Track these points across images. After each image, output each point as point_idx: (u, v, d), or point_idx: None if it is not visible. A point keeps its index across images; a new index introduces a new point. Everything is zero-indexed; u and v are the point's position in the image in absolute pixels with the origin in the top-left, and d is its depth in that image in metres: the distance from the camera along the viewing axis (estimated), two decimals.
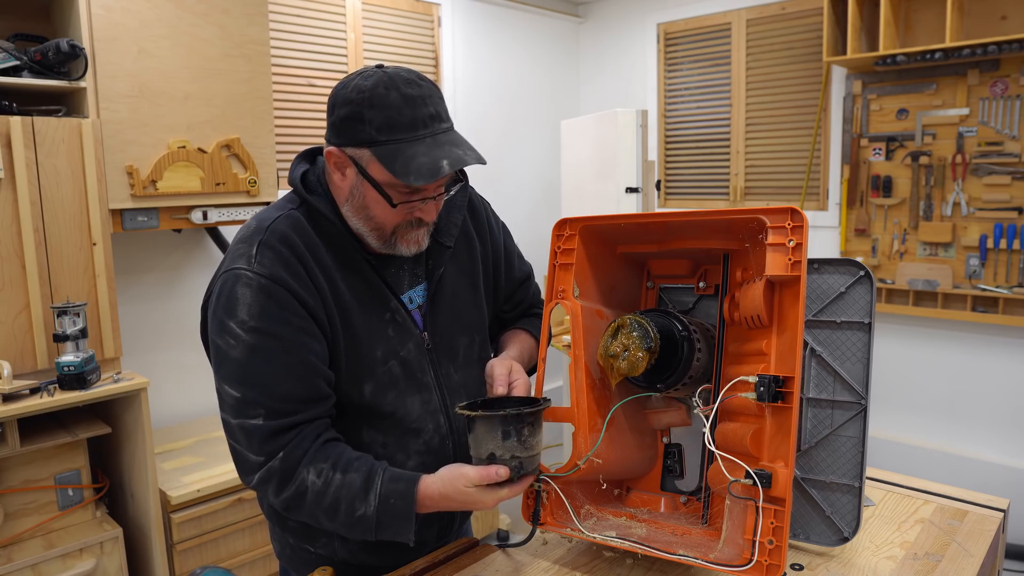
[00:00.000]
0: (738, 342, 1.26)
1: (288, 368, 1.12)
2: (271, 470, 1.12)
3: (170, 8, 2.40)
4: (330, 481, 1.12)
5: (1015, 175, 3.20)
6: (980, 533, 1.28)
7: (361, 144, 1.11)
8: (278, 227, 1.16)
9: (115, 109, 2.32)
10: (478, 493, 1.10)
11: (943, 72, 3.34)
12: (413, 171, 1.07)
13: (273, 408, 1.11)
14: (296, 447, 1.12)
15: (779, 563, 1.04)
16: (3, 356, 2.08)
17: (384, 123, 1.09)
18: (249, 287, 1.12)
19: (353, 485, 1.12)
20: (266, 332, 1.11)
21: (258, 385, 1.11)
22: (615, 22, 4.56)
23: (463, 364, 1.33)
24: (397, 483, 1.12)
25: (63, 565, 2.15)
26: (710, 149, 4.24)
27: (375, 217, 1.16)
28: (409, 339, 1.24)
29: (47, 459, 2.18)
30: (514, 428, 1.08)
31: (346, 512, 1.12)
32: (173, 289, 2.91)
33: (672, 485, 1.38)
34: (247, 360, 1.11)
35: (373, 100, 1.09)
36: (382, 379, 1.22)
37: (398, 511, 1.11)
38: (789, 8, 3.84)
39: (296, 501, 1.13)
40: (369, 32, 3.54)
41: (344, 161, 1.14)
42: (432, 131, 1.11)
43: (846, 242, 3.70)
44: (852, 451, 1.21)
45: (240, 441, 1.13)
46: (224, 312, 1.13)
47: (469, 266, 1.35)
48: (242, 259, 1.14)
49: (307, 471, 1.12)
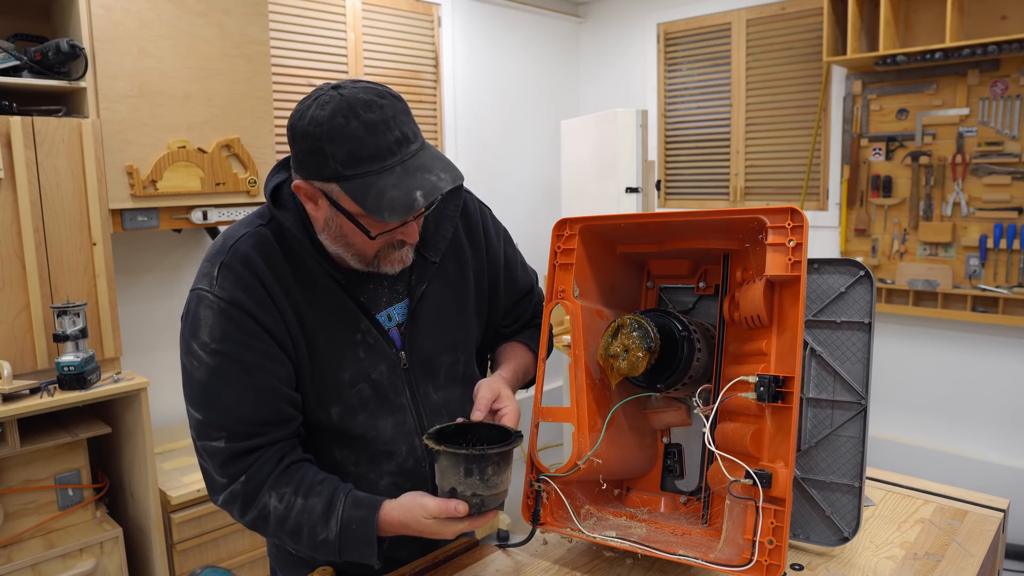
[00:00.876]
0: (738, 342, 1.26)
1: (249, 392, 1.10)
2: (234, 493, 1.11)
3: (170, 8, 2.40)
4: (292, 506, 1.10)
5: (1015, 175, 3.20)
6: (980, 533, 1.28)
7: (328, 179, 1.04)
8: (240, 247, 1.13)
9: (115, 109, 2.31)
10: (436, 524, 1.07)
11: (943, 72, 3.34)
12: (386, 207, 1.01)
13: (234, 430, 1.10)
14: (258, 471, 1.11)
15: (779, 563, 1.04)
16: (3, 356, 2.08)
17: (347, 157, 1.02)
18: (211, 309, 1.11)
19: (314, 510, 1.10)
20: (227, 355, 1.10)
21: (219, 408, 1.10)
22: (615, 22, 4.56)
23: (444, 383, 1.28)
24: (358, 509, 1.10)
25: (63, 565, 2.15)
26: (710, 149, 4.24)
27: (355, 245, 1.12)
28: (382, 361, 1.20)
29: (47, 459, 2.18)
30: (477, 467, 1.04)
31: (308, 536, 1.10)
32: (173, 289, 2.91)
33: (672, 485, 1.38)
34: (208, 383, 1.10)
35: (332, 133, 1.01)
36: (350, 402, 1.19)
37: (359, 537, 1.09)
38: (789, 8, 3.84)
39: (260, 523, 1.13)
40: (369, 32, 3.54)
41: (314, 193, 1.08)
42: (401, 158, 1.04)
43: (846, 242, 3.70)
44: (852, 451, 1.21)
45: (205, 461, 1.13)
46: (189, 332, 1.12)
47: (457, 280, 1.29)
48: (205, 279, 1.13)
49: (269, 495, 1.10)
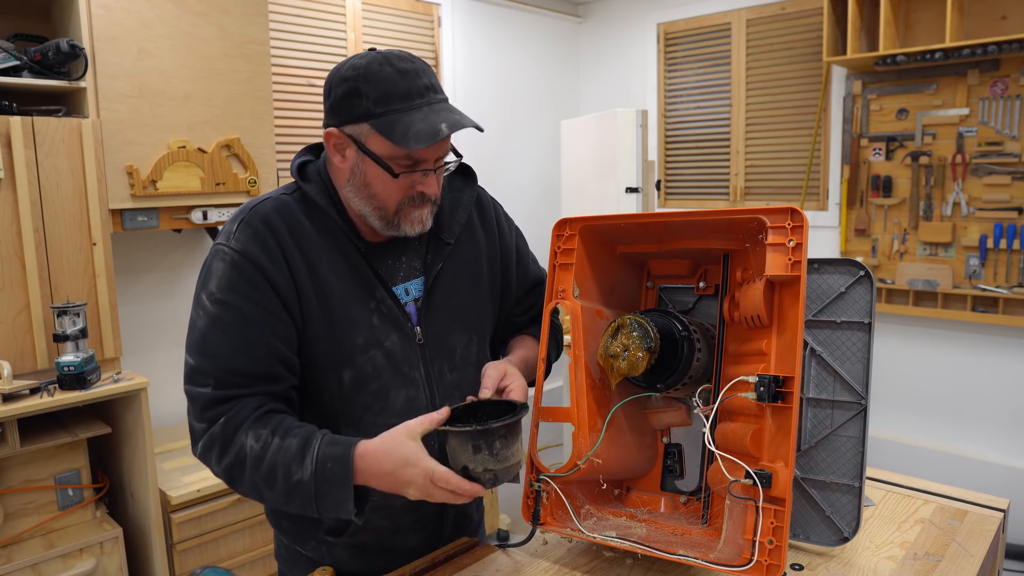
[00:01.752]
0: (738, 342, 1.26)
1: (244, 343, 1.12)
2: (212, 436, 1.11)
3: (170, 8, 2.40)
4: (268, 445, 1.08)
5: (1015, 175, 3.20)
6: (980, 533, 1.28)
7: (359, 119, 1.12)
8: (262, 208, 1.18)
9: (115, 109, 2.32)
10: (416, 449, 1.04)
11: (943, 72, 3.34)
12: (412, 136, 1.08)
13: (222, 379, 1.11)
14: (236, 414, 1.11)
15: (779, 563, 1.04)
16: (3, 356, 2.08)
17: (380, 95, 1.11)
18: (223, 261, 1.14)
19: (290, 449, 1.08)
20: (229, 304, 1.12)
21: (212, 356, 1.12)
22: (615, 22, 4.56)
23: (459, 364, 1.30)
24: (334, 446, 1.08)
25: (63, 565, 2.15)
26: (710, 149, 4.24)
27: (377, 195, 1.16)
28: (395, 330, 1.22)
29: (47, 459, 2.18)
30: (485, 442, 1.04)
31: (283, 478, 1.08)
32: (173, 289, 2.91)
33: (672, 485, 1.38)
34: (207, 330, 1.12)
35: (368, 75, 1.11)
36: (363, 368, 1.20)
37: (335, 476, 1.06)
38: (789, 8, 3.84)
39: (237, 469, 1.11)
40: (369, 32, 3.54)
41: (343, 141, 1.15)
42: (428, 100, 1.13)
43: (846, 242, 3.70)
44: (852, 451, 1.21)
45: (190, 409, 1.14)
46: (200, 284, 1.16)
47: (472, 264, 1.33)
48: (223, 235, 1.17)
49: (246, 435, 1.09)
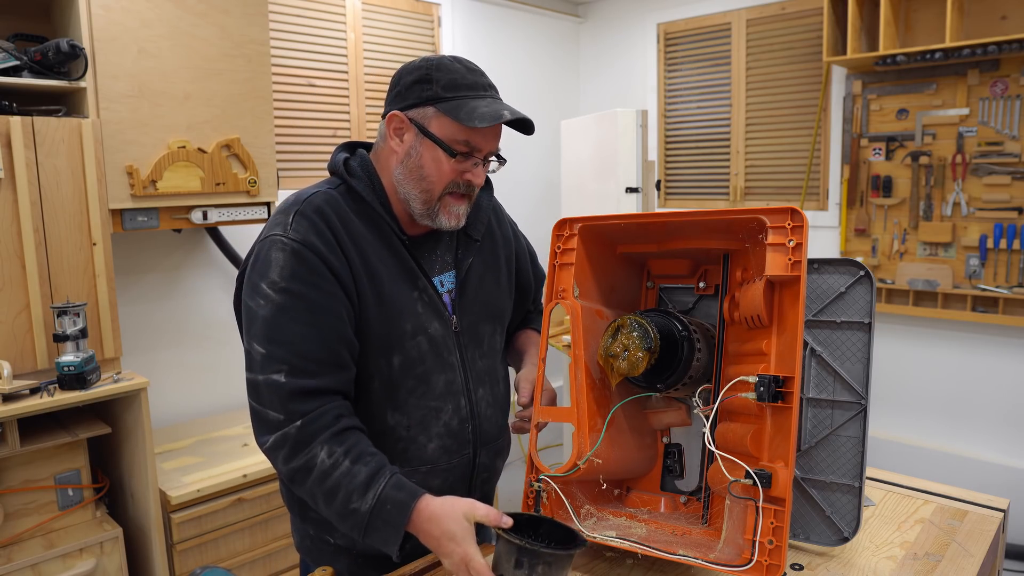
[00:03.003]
0: (738, 342, 1.26)
1: (313, 328, 1.15)
2: (287, 435, 1.13)
3: (170, 8, 2.40)
4: (338, 465, 1.12)
5: (1015, 175, 3.20)
6: (980, 533, 1.28)
7: (426, 102, 1.20)
8: (315, 200, 1.23)
9: (115, 109, 2.31)
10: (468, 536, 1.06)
11: (943, 72, 3.34)
12: (477, 116, 1.16)
13: (295, 366, 1.14)
14: (315, 420, 1.13)
15: (779, 563, 1.04)
16: (3, 356, 2.08)
17: (449, 83, 1.20)
18: (283, 251, 1.18)
19: (358, 477, 1.11)
20: (294, 293, 1.16)
21: (284, 343, 1.14)
22: (615, 22, 4.56)
23: (487, 352, 1.38)
24: (400, 491, 1.11)
25: (63, 565, 2.15)
26: (710, 149, 4.24)
27: (427, 177, 1.23)
28: (436, 317, 1.29)
29: (47, 459, 2.18)
30: (528, 561, 1.02)
31: (343, 501, 1.11)
32: (173, 289, 2.91)
33: (672, 485, 1.38)
34: (274, 318, 1.15)
35: (440, 66, 1.22)
36: (410, 352, 1.25)
37: (391, 519, 1.10)
38: (789, 8, 3.84)
39: (302, 474, 1.14)
40: (369, 32, 3.54)
41: (404, 125, 1.23)
42: (491, 95, 1.24)
43: (846, 242, 3.70)
44: (852, 451, 1.21)
45: (263, 398, 1.15)
46: (258, 275, 1.18)
47: (494, 262, 1.41)
48: (279, 227, 1.20)
49: (320, 448, 1.12)
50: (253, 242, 1.25)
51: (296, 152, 3.28)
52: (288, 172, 3.22)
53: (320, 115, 3.36)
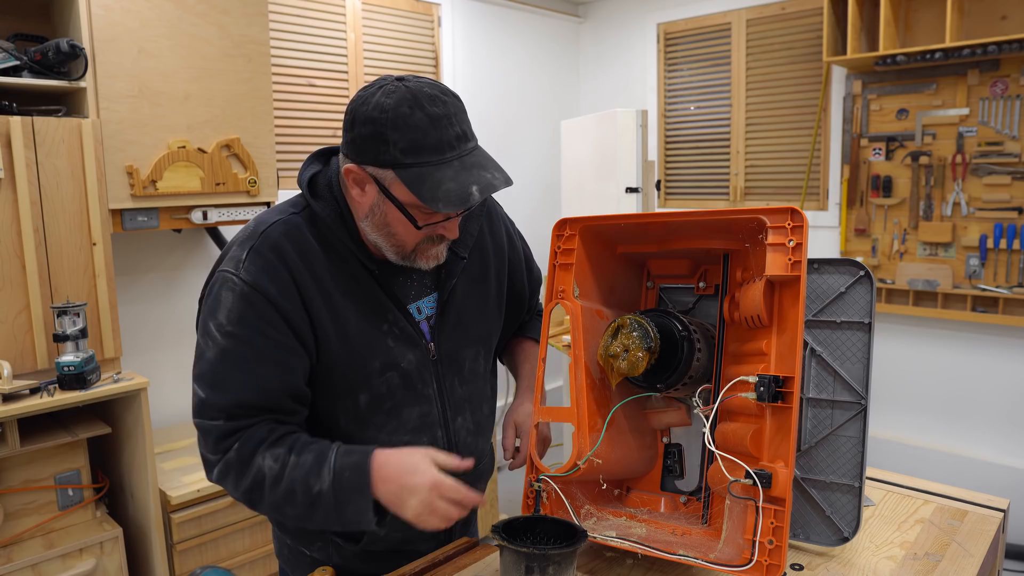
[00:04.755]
0: (738, 342, 1.26)
1: (255, 378, 1.11)
2: (228, 463, 1.11)
3: (170, 8, 2.40)
4: (285, 464, 1.09)
5: (1015, 175, 3.20)
6: (980, 533, 1.28)
7: (384, 165, 1.07)
8: (272, 233, 1.14)
9: (115, 109, 2.31)
10: (431, 477, 1.05)
11: (943, 72, 3.34)
12: (442, 198, 1.04)
13: (232, 413, 1.11)
14: (250, 437, 1.11)
15: (779, 563, 1.04)
16: (3, 356, 2.08)
17: (409, 146, 1.05)
18: (232, 292, 1.11)
19: (306, 464, 1.09)
20: (240, 338, 1.10)
21: (223, 390, 1.11)
22: (615, 22, 4.56)
23: (468, 378, 1.31)
24: (350, 456, 1.10)
25: (63, 565, 2.15)
26: (710, 149, 4.24)
27: (396, 235, 1.14)
28: (410, 350, 1.22)
29: (47, 459, 2.18)
30: (538, 565, 1.02)
31: (303, 493, 1.09)
32: (173, 289, 2.91)
33: (672, 485, 1.38)
34: (218, 363, 1.11)
35: (397, 121, 1.05)
36: (378, 389, 1.20)
37: (353, 483, 1.07)
38: (789, 8, 3.84)
39: (256, 492, 1.11)
40: (369, 32, 3.54)
41: (364, 178, 1.11)
42: (459, 153, 1.07)
43: (846, 242, 3.70)
44: (852, 451, 1.21)
45: (202, 440, 1.14)
46: (208, 312, 1.13)
47: (481, 278, 1.33)
48: (232, 262, 1.14)
49: (263, 457, 1.10)
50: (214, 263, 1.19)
51: (296, 152, 3.28)
52: (288, 172, 3.22)
53: (320, 115, 3.36)
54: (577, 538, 1.07)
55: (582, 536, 1.08)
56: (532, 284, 1.49)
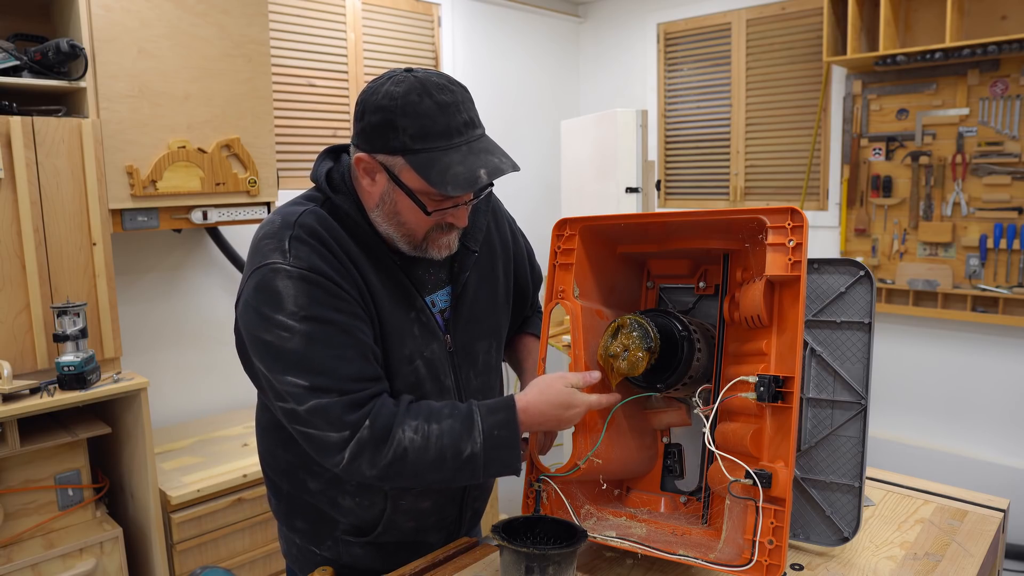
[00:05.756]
0: (738, 342, 1.26)
1: (351, 349, 1.11)
2: (361, 441, 1.08)
3: (170, 8, 2.40)
4: (429, 434, 1.10)
5: (1015, 175, 3.20)
6: (980, 533, 1.28)
7: (394, 152, 1.09)
8: (305, 221, 1.15)
9: (115, 109, 2.31)
10: (569, 395, 1.16)
11: (943, 72, 3.34)
12: (450, 181, 1.06)
13: (343, 388, 1.09)
14: (379, 412, 1.10)
15: (779, 563, 1.04)
16: (3, 356, 2.08)
17: (418, 131, 1.07)
18: (291, 279, 1.10)
19: (454, 430, 1.11)
20: (320, 319, 1.10)
21: (324, 371, 1.09)
22: (615, 22, 4.56)
23: (482, 370, 1.34)
24: (496, 413, 1.14)
25: (63, 565, 2.15)
26: (710, 149, 4.24)
27: (406, 223, 1.15)
28: (433, 340, 1.24)
29: (47, 459, 2.18)
30: (538, 565, 1.03)
31: (453, 458, 1.11)
32: (173, 289, 2.91)
33: (672, 485, 1.38)
34: (307, 349, 1.09)
35: (406, 108, 1.07)
36: (408, 378, 1.21)
37: (504, 441, 1.13)
38: (789, 8, 3.84)
39: (396, 465, 1.10)
40: (369, 32, 3.54)
41: (374, 167, 1.13)
42: (467, 139, 1.10)
43: (846, 242, 3.70)
44: (852, 451, 1.21)
45: (317, 425, 1.09)
46: (269, 307, 1.10)
47: (491, 272, 1.35)
48: (275, 254, 1.12)
49: (402, 430, 1.10)
50: (245, 268, 1.18)
51: (296, 152, 3.28)
52: (288, 172, 3.22)
53: (320, 115, 3.36)
54: (577, 538, 1.08)
55: (582, 536, 1.08)
56: (535, 280, 1.52)
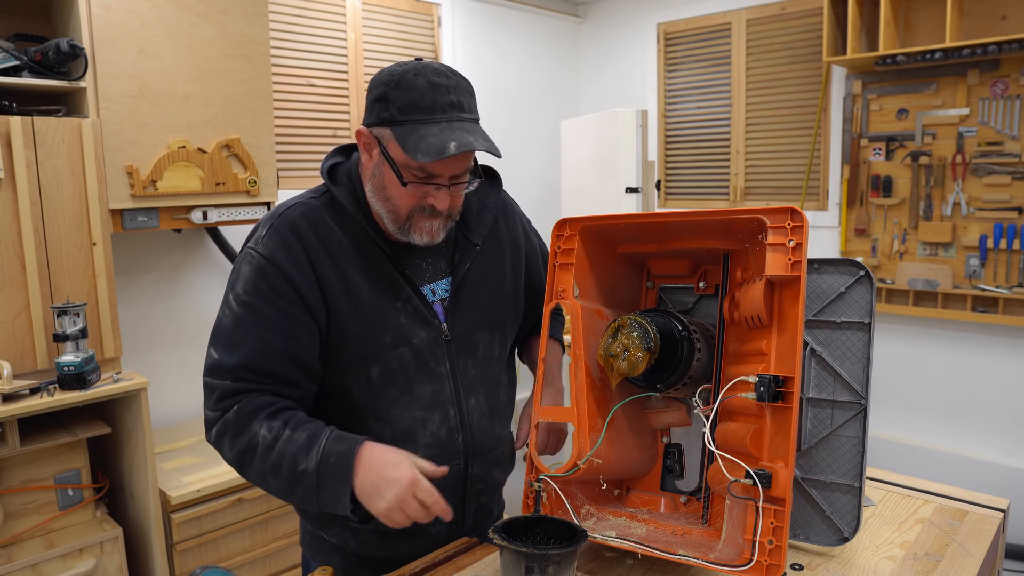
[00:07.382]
0: (738, 342, 1.26)
1: (263, 345, 1.18)
2: (226, 422, 1.17)
3: (170, 8, 2.40)
4: (279, 436, 1.14)
5: (1015, 175, 3.20)
6: (980, 533, 1.28)
7: (383, 123, 1.17)
8: (291, 214, 1.23)
9: (115, 109, 2.31)
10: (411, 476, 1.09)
11: (943, 72, 3.34)
12: (421, 149, 1.11)
13: (240, 376, 1.17)
14: (250, 402, 1.17)
15: (779, 563, 1.04)
16: (3, 356, 2.08)
17: (405, 104, 1.14)
18: (250, 265, 1.20)
19: (299, 441, 1.14)
20: (252, 307, 1.19)
21: (233, 353, 1.18)
22: (615, 22, 4.56)
23: (482, 360, 1.36)
24: (340, 443, 1.14)
25: (63, 565, 2.15)
26: (710, 149, 4.24)
27: (391, 198, 1.21)
28: (422, 328, 1.27)
29: (47, 459, 2.18)
30: (538, 565, 1.03)
31: (289, 468, 1.13)
32: (173, 289, 2.91)
33: (672, 485, 1.38)
34: (231, 328, 1.19)
35: (400, 83, 1.15)
36: (391, 364, 1.25)
37: (337, 470, 1.11)
38: (789, 8, 3.84)
39: (247, 456, 1.17)
40: (369, 32, 3.54)
41: (371, 141, 1.20)
42: (449, 117, 1.15)
43: (846, 242, 3.70)
44: (852, 451, 1.21)
45: (205, 397, 1.20)
46: (229, 284, 1.23)
47: (495, 267, 1.38)
48: (253, 240, 1.23)
49: (260, 425, 1.15)
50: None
51: (296, 152, 3.28)
52: (288, 172, 3.22)
53: (320, 115, 3.36)
54: (577, 538, 1.08)
55: (582, 536, 1.08)
56: None
